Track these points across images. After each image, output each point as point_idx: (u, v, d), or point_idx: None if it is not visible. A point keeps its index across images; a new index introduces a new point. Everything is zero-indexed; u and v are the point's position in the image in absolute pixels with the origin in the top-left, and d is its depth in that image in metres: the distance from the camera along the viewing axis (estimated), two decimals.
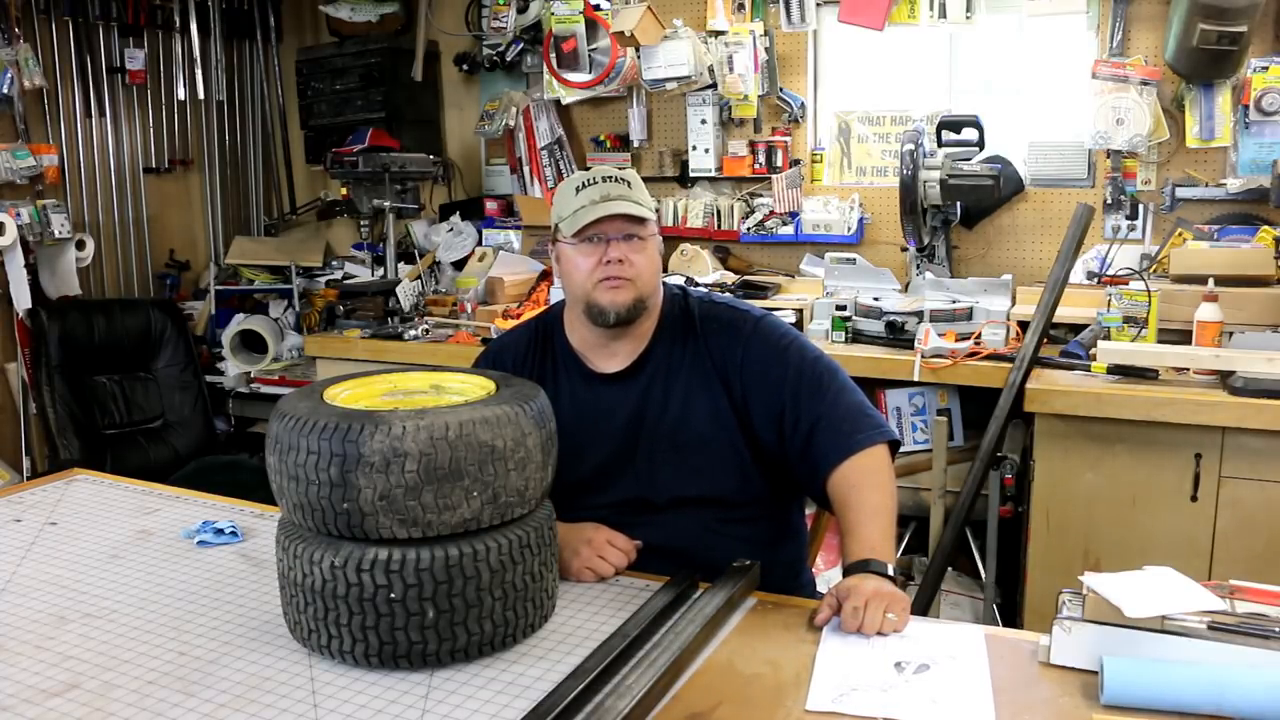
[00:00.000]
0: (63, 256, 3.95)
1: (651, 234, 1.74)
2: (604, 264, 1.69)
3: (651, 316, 1.78)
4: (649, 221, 1.73)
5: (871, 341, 3.03)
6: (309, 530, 1.36)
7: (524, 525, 1.40)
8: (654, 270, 1.74)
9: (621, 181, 1.73)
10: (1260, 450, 2.42)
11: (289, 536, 1.39)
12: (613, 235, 1.70)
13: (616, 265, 1.69)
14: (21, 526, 1.88)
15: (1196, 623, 1.23)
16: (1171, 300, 2.73)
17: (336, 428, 1.30)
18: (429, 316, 3.65)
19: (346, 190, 3.90)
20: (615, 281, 1.69)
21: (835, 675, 1.30)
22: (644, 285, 1.72)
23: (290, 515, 1.39)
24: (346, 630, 1.33)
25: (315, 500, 1.31)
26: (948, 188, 3.24)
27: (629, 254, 1.70)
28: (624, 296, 1.70)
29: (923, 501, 3.04)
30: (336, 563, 1.32)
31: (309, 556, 1.34)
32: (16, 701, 1.28)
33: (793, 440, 1.72)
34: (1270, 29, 3.12)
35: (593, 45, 3.80)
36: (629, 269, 1.69)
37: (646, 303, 1.74)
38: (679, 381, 1.76)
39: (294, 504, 1.35)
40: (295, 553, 1.36)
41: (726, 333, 1.78)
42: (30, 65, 3.77)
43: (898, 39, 3.63)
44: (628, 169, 1.81)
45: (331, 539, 1.34)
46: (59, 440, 3.74)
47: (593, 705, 1.20)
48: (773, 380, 1.74)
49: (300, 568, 1.35)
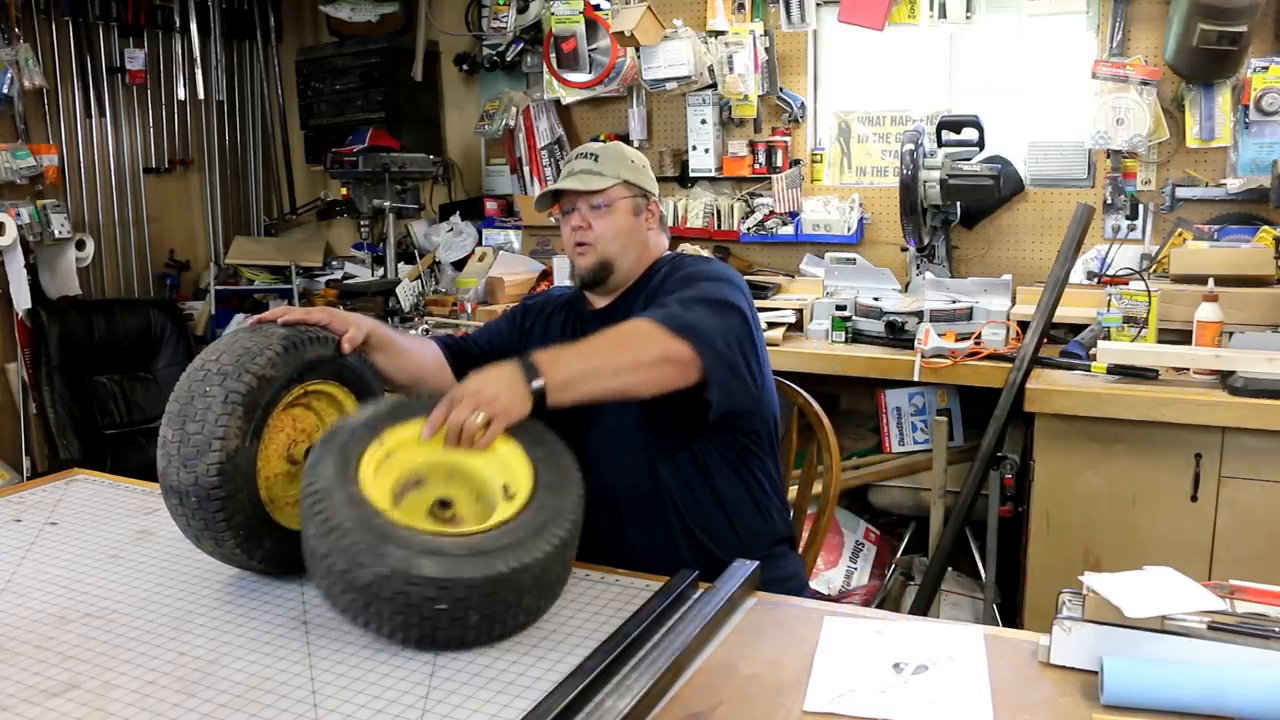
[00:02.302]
0: (63, 256, 3.95)
1: (615, 199, 1.88)
2: (573, 231, 1.89)
3: (629, 274, 1.91)
4: (605, 190, 1.87)
5: (871, 341, 3.03)
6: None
7: (562, 523, 1.42)
8: (617, 232, 1.88)
9: (589, 156, 1.90)
10: (1260, 450, 2.42)
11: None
12: (577, 205, 1.88)
13: (579, 232, 1.88)
14: (21, 526, 1.88)
15: (1196, 623, 1.23)
16: (1171, 300, 2.73)
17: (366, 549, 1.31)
18: (429, 316, 3.65)
19: (346, 190, 3.90)
20: (580, 248, 1.89)
21: (834, 676, 1.30)
22: (605, 248, 1.87)
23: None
24: (386, 621, 1.34)
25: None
26: (948, 188, 3.24)
27: (592, 219, 1.87)
28: (587, 260, 1.88)
29: (923, 501, 3.04)
30: (382, 572, 1.30)
31: (354, 557, 1.31)
32: (16, 701, 1.27)
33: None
34: (1270, 29, 3.13)
35: (593, 45, 3.80)
36: (589, 234, 1.87)
37: (612, 263, 1.88)
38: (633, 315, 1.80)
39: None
40: (338, 545, 1.33)
41: (675, 268, 1.88)
42: (30, 65, 3.77)
43: (898, 39, 3.63)
44: (613, 143, 1.99)
45: (377, 549, 1.31)
46: (59, 440, 3.75)
47: (593, 705, 1.20)
48: (666, 289, 1.80)
49: (342, 562, 1.33)
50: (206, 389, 1.48)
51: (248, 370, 1.50)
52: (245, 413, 1.48)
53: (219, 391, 1.48)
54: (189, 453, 1.47)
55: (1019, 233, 3.53)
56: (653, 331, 1.61)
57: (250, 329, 1.60)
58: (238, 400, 1.48)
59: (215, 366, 1.50)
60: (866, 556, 3.20)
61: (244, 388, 1.48)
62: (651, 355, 1.60)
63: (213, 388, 1.48)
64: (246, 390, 1.49)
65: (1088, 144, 3.31)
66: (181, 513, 1.51)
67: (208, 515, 1.48)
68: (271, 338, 1.56)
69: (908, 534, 3.25)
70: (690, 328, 1.63)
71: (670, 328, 1.62)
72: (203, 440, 1.46)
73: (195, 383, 1.50)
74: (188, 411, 1.48)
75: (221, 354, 1.52)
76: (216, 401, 1.47)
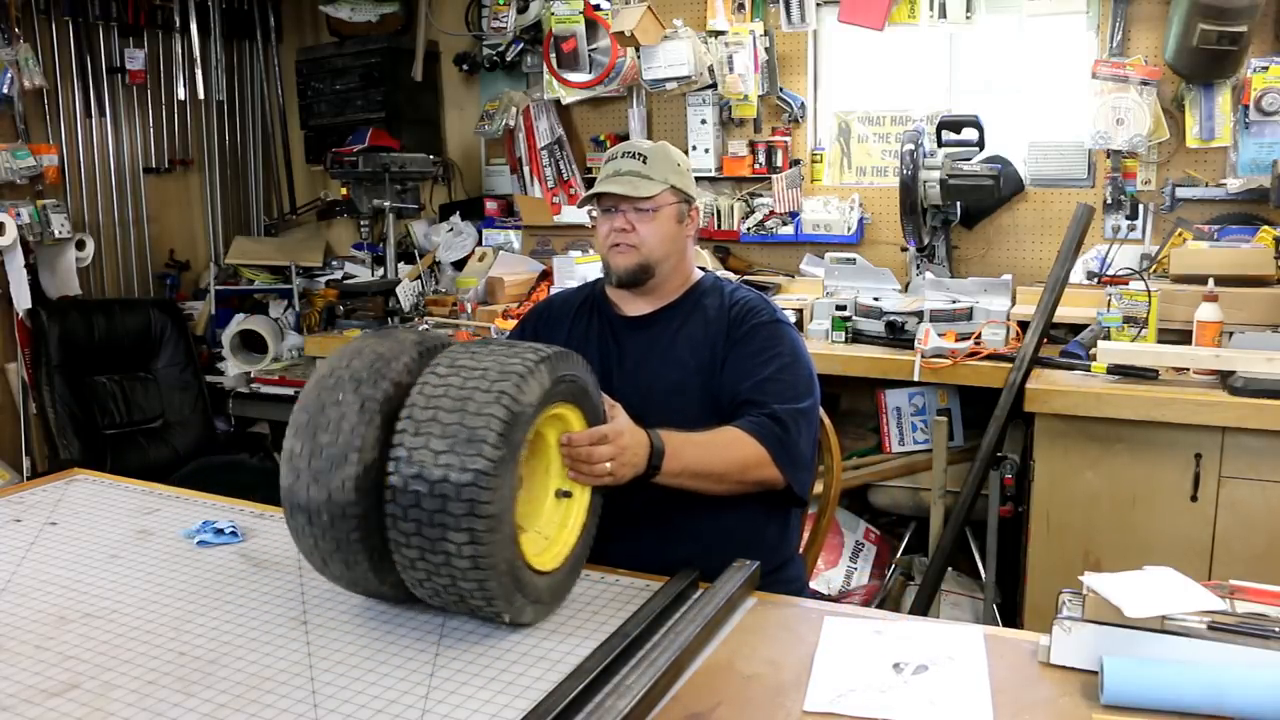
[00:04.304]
0: (63, 256, 3.95)
1: (662, 205, 1.88)
2: (613, 231, 1.88)
3: (666, 279, 1.92)
4: (654, 196, 1.87)
5: (871, 341, 3.03)
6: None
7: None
8: (661, 238, 1.88)
9: (637, 157, 1.89)
10: (1260, 450, 2.42)
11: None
12: (621, 207, 1.88)
13: (620, 233, 1.88)
14: (21, 526, 1.88)
15: (1196, 623, 1.23)
16: (1171, 300, 2.73)
17: None
18: (429, 316, 3.65)
19: (346, 190, 3.90)
20: (621, 247, 1.88)
21: (834, 676, 1.30)
22: (649, 251, 1.87)
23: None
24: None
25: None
26: (948, 188, 3.24)
27: (636, 223, 1.87)
28: (627, 260, 1.88)
29: (923, 501, 3.04)
30: (497, 610, 1.40)
31: (488, 595, 1.37)
32: (16, 701, 1.28)
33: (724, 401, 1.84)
34: (1270, 29, 3.12)
35: (593, 45, 3.80)
36: (633, 236, 1.87)
37: (654, 268, 1.89)
38: (681, 337, 1.90)
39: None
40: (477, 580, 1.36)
41: (743, 311, 1.90)
42: (30, 65, 3.77)
43: (898, 39, 3.63)
44: (659, 142, 1.95)
45: (510, 599, 1.39)
46: (59, 440, 3.75)
47: (593, 705, 1.20)
48: (747, 367, 1.84)
49: (477, 598, 1.38)
50: (340, 396, 1.37)
51: (384, 377, 1.40)
52: (383, 421, 1.37)
53: (354, 399, 1.37)
54: (321, 466, 1.36)
55: (1019, 233, 3.53)
56: (762, 460, 1.73)
57: (380, 334, 1.52)
58: (375, 409, 1.37)
59: (347, 373, 1.40)
60: (866, 556, 3.20)
61: (381, 395, 1.38)
62: (754, 479, 1.74)
63: (346, 394, 1.37)
64: (384, 398, 1.38)
65: (1088, 144, 3.31)
66: (309, 534, 1.40)
67: (340, 535, 1.37)
68: (405, 343, 1.47)
69: (908, 534, 3.24)
70: (793, 461, 1.76)
71: (776, 458, 1.74)
72: (337, 453, 1.35)
73: (326, 390, 1.39)
74: (319, 421, 1.37)
75: (353, 359, 1.43)
76: (352, 410, 1.36)
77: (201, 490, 2.12)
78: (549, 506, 1.54)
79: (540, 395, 1.38)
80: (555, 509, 1.55)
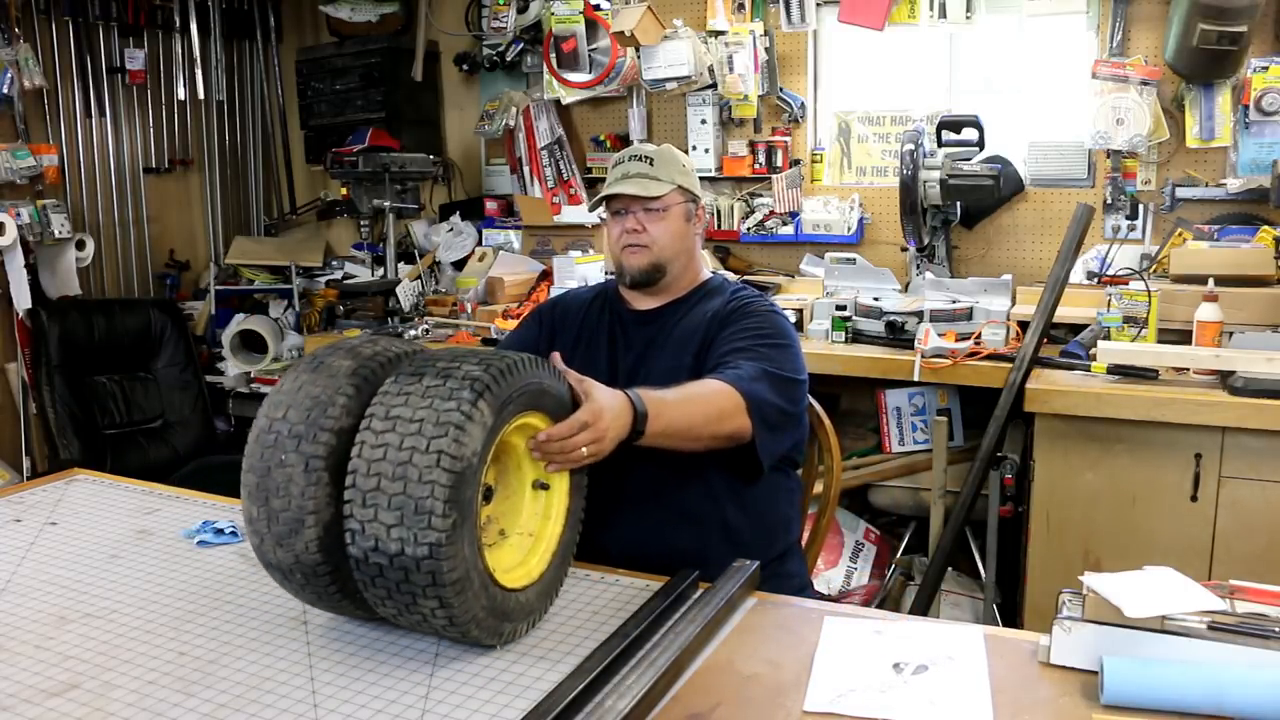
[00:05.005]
0: (63, 256, 3.95)
1: (670, 205, 1.92)
2: (625, 232, 1.93)
3: (677, 278, 1.96)
4: (663, 196, 1.91)
5: (871, 341, 3.03)
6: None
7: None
8: (672, 237, 1.93)
9: (644, 159, 1.93)
10: (1260, 450, 2.42)
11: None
12: (632, 209, 1.92)
13: (632, 234, 1.92)
14: (21, 526, 1.88)
15: (1196, 623, 1.23)
16: (1171, 300, 2.73)
17: None
18: (429, 316, 3.65)
19: (346, 190, 3.90)
20: (633, 248, 1.92)
21: (834, 676, 1.30)
22: (660, 250, 1.92)
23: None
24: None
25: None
26: (948, 188, 3.24)
27: (647, 223, 1.91)
28: (639, 260, 1.92)
29: (923, 501, 3.04)
30: (475, 635, 1.36)
31: (466, 632, 1.35)
32: (16, 701, 1.28)
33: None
34: (1270, 29, 3.12)
35: (593, 45, 3.80)
36: (644, 236, 1.91)
37: (665, 267, 1.93)
38: (681, 328, 1.93)
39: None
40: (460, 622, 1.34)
41: (740, 303, 1.93)
42: (30, 65, 3.77)
43: (898, 39, 3.63)
44: (663, 145, 1.99)
45: (497, 629, 1.38)
46: (59, 440, 3.75)
47: (593, 705, 1.20)
48: (732, 337, 1.85)
49: (453, 632, 1.37)
50: (282, 457, 1.32)
51: (322, 428, 1.32)
52: (331, 477, 1.31)
53: (296, 459, 1.31)
54: (281, 531, 1.33)
55: (1019, 233, 3.53)
56: (736, 407, 1.69)
57: (314, 367, 1.39)
58: (320, 466, 1.31)
59: (285, 427, 1.33)
60: (866, 556, 3.20)
61: (324, 449, 1.31)
62: (727, 430, 1.70)
63: (289, 455, 1.31)
64: (327, 453, 1.31)
65: (1088, 144, 3.31)
66: (289, 587, 1.41)
67: (319, 589, 1.37)
68: (339, 377, 1.36)
69: (908, 534, 3.24)
70: (761, 416, 1.72)
71: (748, 407, 1.70)
72: (292, 517, 1.31)
73: (267, 449, 1.33)
74: (268, 485, 1.33)
75: (288, 409, 1.34)
76: (298, 472, 1.31)
77: (201, 490, 2.12)
78: (528, 501, 1.49)
79: (484, 436, 1.28)
80: (535, 502, 1.49)
